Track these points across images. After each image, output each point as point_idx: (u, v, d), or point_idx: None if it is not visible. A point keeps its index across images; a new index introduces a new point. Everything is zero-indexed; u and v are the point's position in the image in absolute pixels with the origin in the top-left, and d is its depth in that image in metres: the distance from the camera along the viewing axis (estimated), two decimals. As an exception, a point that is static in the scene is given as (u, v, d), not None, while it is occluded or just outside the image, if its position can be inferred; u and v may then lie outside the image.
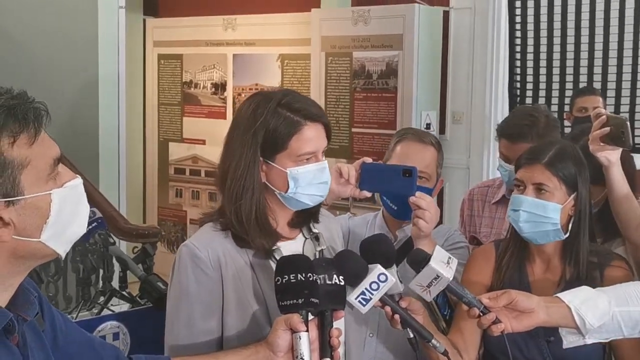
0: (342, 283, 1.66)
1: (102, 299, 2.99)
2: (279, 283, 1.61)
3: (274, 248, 1.81)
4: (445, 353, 1.81)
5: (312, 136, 1.80)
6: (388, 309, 1.80)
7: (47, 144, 1.31)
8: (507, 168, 2.94)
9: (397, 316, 1.80)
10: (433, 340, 1.81)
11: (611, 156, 2.25)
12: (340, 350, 1.71)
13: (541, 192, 2.08)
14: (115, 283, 3.18)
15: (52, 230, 1.29)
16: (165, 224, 6.67)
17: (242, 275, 1.79)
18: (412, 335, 1.82)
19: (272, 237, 1.82)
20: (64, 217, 1.31)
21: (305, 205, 1.85)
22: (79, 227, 1.36)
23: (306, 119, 1.79)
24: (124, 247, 4.25)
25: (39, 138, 1.28)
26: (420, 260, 1.76)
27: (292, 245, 1.86)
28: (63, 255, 1.35)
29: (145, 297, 2.79)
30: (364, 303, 1.72)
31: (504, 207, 3.18)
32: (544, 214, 2.06)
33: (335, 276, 1.65)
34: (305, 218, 1.92)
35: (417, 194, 2.10)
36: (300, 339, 1.56)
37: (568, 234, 2.11)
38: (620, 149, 2.26)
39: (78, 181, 1.35)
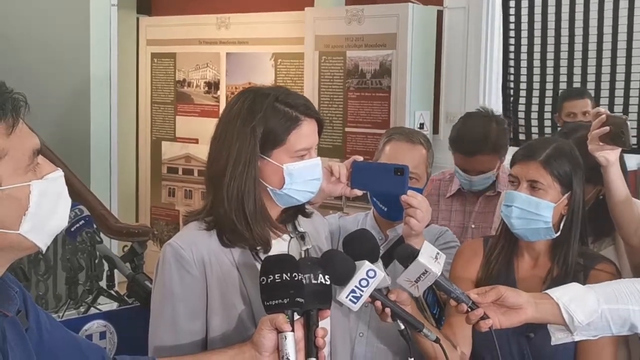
0: (328, 282, 1.64)
1: (90, 297, 2.97)
2: (264, 283, 1.60)
3: (258, 248, 1.79)
4: (437, 340, 1.81)
5: (308, 132, 1.80)
6: (378, 303, 1.79)
7: (26, 135, 1.29)
8: (466, 179, 3.04)
9: (387, 309, 1.80)
10: (424, 330, 1.80)
11: (610, 156, 2.22)
12: (326, 350, 1.69)
13: (535, 190, 2.07)
14: (104, 282, 3.17)
15: (31, 222, 1.28)
16: (158, 223, 6.66)
17: (226, 276, 1.77)
18: (402, 327, 1.81)
19: (273, 228, 1.82)
20: (43, 210, 1.29)
21: (296, 201, 1.84)
22: (60, 220, 1.34)
23: (304, 115, 1.79)
24: (115, 245, 4.24)
25: (16, 128, 1.26)
26: (408, 255, 1.76)
27: (277, 245, 1.84)
28: (44, 249, 1.34)
29: (132, 296, 2.77)
30: (355, 301, 1.71)
31: (459, 199, 3.25)
32: (536, 211, 2.06)
33: (320, 275, 1.63)
34: (292, 213, 1.91)
35: (409, 192, 2.09)
36: (285, 339, 1.55)
37: (559, 233, 2.10)
38: (619, 149, 2.24)
39: (58, 173, 1.33)
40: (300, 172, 1.79)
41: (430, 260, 1.75)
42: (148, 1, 6.93)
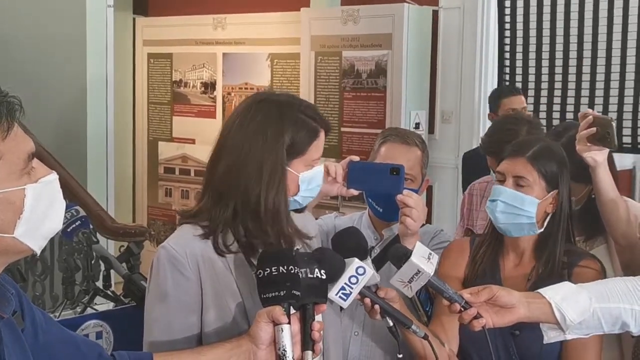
0: (324, 277, 1.66)
1: (86, 297, 2.98)
2: (260, 276, 1.62)
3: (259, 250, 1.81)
4: (425, 337, 1.83)
5: (322, 142, 1.85)
6: (367, 300, 1.81)
7: (21, 139, 1.29)
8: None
9: (376, 307, 1.81)
10: (413, 326, 1.82)
11: (597, 157, 2.25)
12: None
13: (520, 185, 2.10)
14: (100, 282, 3.17)
15: (26, 226, 1.28)
16: (155, 223, 6.66)
17: (220, 276, 1.78)
18: (391, 324, 1.83)
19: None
20: (38, 213, 1.29)
21: (298, 205, 1.88)
22: (55, 223, 1.34)
23: (321, 126, 1.83)
24: (111, 246, 4.25)
25: (11, 132, 1.26)
26: (401, 256, 1.77)
27: None
28: (38, 252, 1.34)
29: (129, 296, 2.78)
30: (345, 298, 1.73)
31: None
32: (520, 206, 2.08)
33: (316, 270, 1.65)
34: None
35: (405, 192, 2.11)
36: (282, 331, 1.57)
37: (543, 230, 2.12)
38: (607, 150, 2.27)
39: (53, 177, 1.33)
40: (311, 180, 1.84)
41: (423, 260, 1.76)
42: (144, 2, 6.93)
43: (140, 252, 3.17)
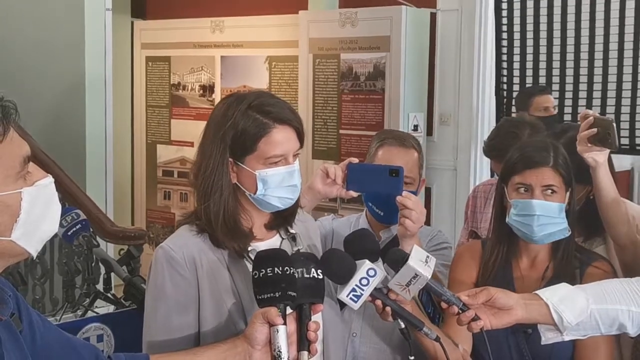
0: (320, 276, 1.67)
1: (86, 300, 2.98)
2: (256, 277, 1.63)
3: (249, 249, 1.82)
4: (437, 339, 1.83)
5: (281, 139, 1.81)
6: (378, 302, 1.81)
7: (17, 142, 1.30)
8: None
9: (388, 308, 1.81)
10: (425, 328, 1.83)
11: (598, 157, 2.26)
12: (319, 348, 1.72)
13: (549, 194, 2.10)
14: (100, 285, 3.17)
15: (22, 229, 1.29)
16: (154, 226, 6.66)
17: (216, 273, 1.80)
18: (403, 326, 1.83)
19: (242, 238, 1.82)
20: (34, 216, 1.31)
21: (275, 207, 1.86)
22: (51, 226, 1.36)
23: (275, 122, 1.80)
24: (111, 249, 4.25)
25: (7, 136, 1.28)
26: (398, 260, 1.77)
27: (268, 246, 1.86)
28: (34, 255, 1.35)
29: (129, 299, 2.78)
30: (356, 300, 1.74)
31: None
32: (555, 215, 2.09)
33: (313, 270, 1.67)
34: (281, 221, 1.93)
35: (404, 193, 2.11)
36: (277, 332, 1.58)
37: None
38: (608, 150, 2.28)
39: (49, 180, 1.35)
40: (274, 179, 1.81)
41: (420, 264, 1.76)
42: (142, 5, 6.93)
43: (140, 255, 3.18)
